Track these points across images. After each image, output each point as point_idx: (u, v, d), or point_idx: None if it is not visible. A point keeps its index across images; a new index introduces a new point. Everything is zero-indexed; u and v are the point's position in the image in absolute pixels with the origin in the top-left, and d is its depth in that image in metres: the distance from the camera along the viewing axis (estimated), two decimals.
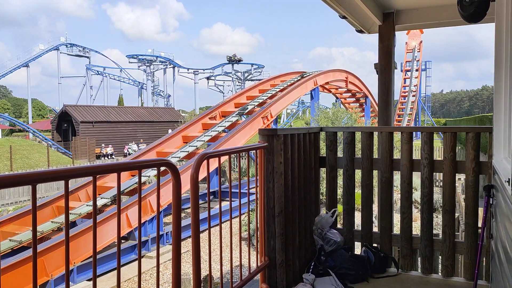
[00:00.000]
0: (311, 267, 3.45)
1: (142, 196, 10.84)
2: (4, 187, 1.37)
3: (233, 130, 15.29)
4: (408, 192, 3.60)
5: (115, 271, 1.85)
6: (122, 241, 11.02)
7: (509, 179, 1.74)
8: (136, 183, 12.61)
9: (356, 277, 3.35)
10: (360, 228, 3.80)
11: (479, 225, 3.21)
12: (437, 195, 12.79)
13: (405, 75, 48.42)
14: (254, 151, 3.10)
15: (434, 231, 3.61)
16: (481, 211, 3.06)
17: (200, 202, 13.99)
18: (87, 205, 11.27)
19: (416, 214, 10.01)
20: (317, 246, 3.68)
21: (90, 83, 62.24)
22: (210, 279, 2.73)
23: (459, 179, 14.23)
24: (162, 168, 2.13)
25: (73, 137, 33.99)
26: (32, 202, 1.46)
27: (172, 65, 63.98)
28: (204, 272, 7.45)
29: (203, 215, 10.78)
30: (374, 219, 4.22)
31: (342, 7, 4.51)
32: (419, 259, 3.67)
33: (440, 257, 3.62)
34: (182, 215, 12.94)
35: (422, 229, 3.52)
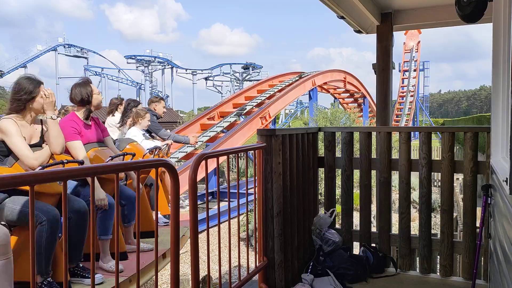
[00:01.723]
0: (310, 267, 3.45)
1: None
2: (3, 187, 1.36)
3: (232, 131, 15.30)
4: (406, 192, 3.60)
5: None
6: None
7: (507, 178, 1.74)
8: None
9: (355, 277, 3.36)
10: (358, 228, 3.81)
11: (477, 224, 3.22)
12: (435, 195, 12.81)
13: (403, 75, 48.48)
14: (253, 151, 3.10)
15: (433, 231, 3.62)
16: (479, 210, 3.07)
17: (199, 202, 13.97)
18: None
19: (414, 214, 10.00)
20: (316, 246, 3.68)
21: None
22: (208, 280, 2.73)
23: (457, 179, 14.25)
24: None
25: None
26: (30, 202, 1.46)
27: (170, 66, 63.97)
28: (202, 273, 7.44)
29: (201, 215, 10.76)
30: (372, 219, 4.23)
31: (340, 8, 4.51)
32: (417, 259, 3.68)
33: (438, 256, 3.62)
34: None
35: (420, 229, 3.53)
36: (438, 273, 3.54)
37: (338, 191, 5.45)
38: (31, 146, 3.00)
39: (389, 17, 5.18)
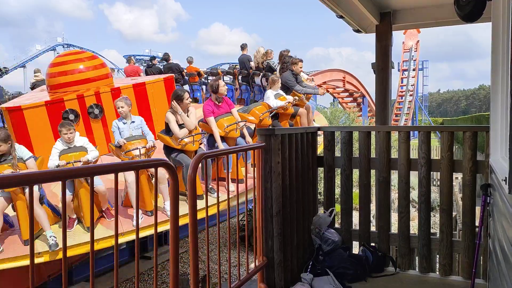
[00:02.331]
0: (309, 266, 3.45)
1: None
2: (2, 187, 1.37)
3: None
4: (405, 191, 3.60)
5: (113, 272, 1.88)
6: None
7: (506, 178, 1.74)
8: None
9: (354, 276, 3.36)
10: (358, 228, 3.81)
11: (477, 224, 3.22)
12: (435, 194, 12.83)
13: (402, 75, 48.47)
14: (252, 151, 3.10)
15: (432, 230, 3.62)
16: (478, 210, 3.07)
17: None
18: None
19: (413, 213, 10.02)
20: (315, 246, 3.68)
21: None
22: (208, 279, 2.73)
23: (457, 178, 14.27)
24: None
25: None
26: (29, 202, 1.46)
27: None
28: (202, 272, 7.44)
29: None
30: (372, 218, 4.23)
31: (339, 7, 4.52)
32: (417, 258, 3.68)
33: (437, 256, 3.63)
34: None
35: (419, 228, 3.53)
36: (438, 273, 3.54)
37: (337, 191, 5.45)
38: (179, 125, 5.70)
39: (388, 17, 5.18)
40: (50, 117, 7.89)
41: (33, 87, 12.15)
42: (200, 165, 5.43)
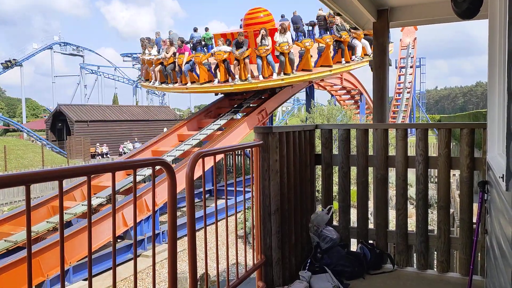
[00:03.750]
0: (307, 264, 3.45)
1: (137, 195, 10.81)
2: (1, 187, 1.36)
3: (229, 128, 15.26)
4: (403, 188, 3.61)
5: (111, 271, 1.87)
6: (118, 240, 10.99)
7: (503, 175, 1.75)
8: (131, 182, 12.95)
9: (352, 273, 3.37)
10: (355, 225, 3.81)
11: (474, 220, 3.23)
12: (432, 191, 12.83)
13: (400, 72, 48.41)
14: (250, 149, 3.10)
15: (429, 227, 3.63)
16: (475, 207, 3.07)
17: (196, 200, 13.92)
18: (82, 205, 11.22)
19: (411, 210, 10.02)
20: (313, 244, 3.69)
21: (84, 82, 61.75)
22: (206, 278, 2.73)
23: (454, 175, 14.25)
24: (157, 167, 2.13)
25: (67, 136, 33.80)
26: (26, 202, 1.45)
27: None
28: (200, 271, 7.45)
29: (199, 213, 10.74)
30: (369, 215, 4.23)
31: (336, 5, 4.51)
32: (414, 255, 3.69)
33: (435, 252, 3.64)
34: (178, 213, 12.92)
35: (417, 225, 3.54)
36: (435, 269, 3.55)
37: (335, 188, 5.48)
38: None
39: (385, 14, 5.18)
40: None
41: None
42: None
